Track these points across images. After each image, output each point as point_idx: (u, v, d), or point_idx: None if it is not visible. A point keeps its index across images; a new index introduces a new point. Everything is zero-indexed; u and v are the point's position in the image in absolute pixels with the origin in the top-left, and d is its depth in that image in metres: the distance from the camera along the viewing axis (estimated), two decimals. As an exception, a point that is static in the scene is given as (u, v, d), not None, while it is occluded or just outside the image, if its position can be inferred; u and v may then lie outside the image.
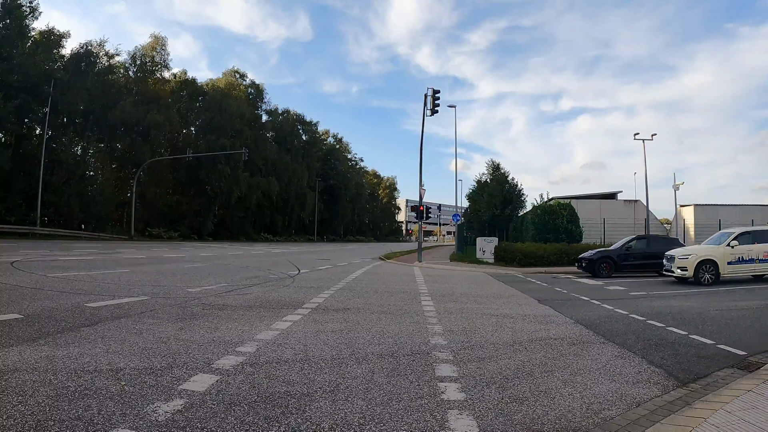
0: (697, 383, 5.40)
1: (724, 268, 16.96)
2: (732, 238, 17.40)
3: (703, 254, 17.16)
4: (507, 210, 39.35)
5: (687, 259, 17.10)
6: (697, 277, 16.81)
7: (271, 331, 7.30)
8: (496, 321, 9.16)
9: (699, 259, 16.95)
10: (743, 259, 17.12)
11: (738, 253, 17.10)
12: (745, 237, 17.56)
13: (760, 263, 17.21)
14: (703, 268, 16.86)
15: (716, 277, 16.90)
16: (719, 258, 16.97)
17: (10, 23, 45.29)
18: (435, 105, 31.76)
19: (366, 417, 4.02)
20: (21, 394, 4.09)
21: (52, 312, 7.92)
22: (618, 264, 21.24)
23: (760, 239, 17.49)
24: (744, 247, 17.23)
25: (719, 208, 37.80)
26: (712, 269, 16.87)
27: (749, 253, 17.17)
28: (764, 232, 18.00)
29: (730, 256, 17.08)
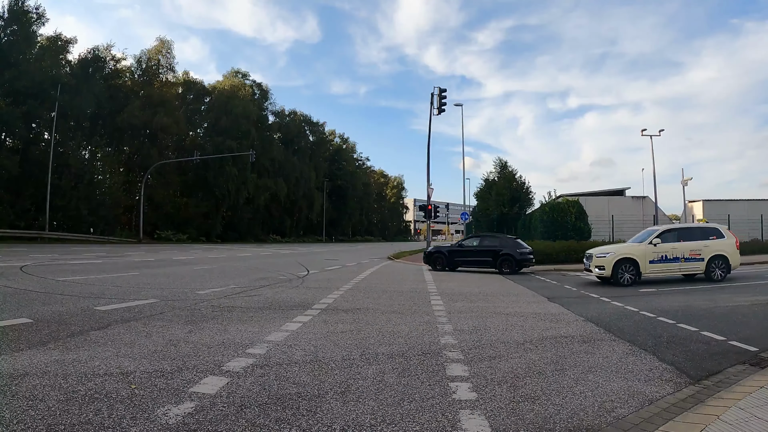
0: (709, 380, 5.35)
1: (645, 267, 15.88)
2: (655, 235, 16.34)
3: (623, 253, 16.07)
4: (515, 208, 39.31)
5: (605, 258, 16.04)
6: (615, 277, 15.70)
7: (280, 332, 7.29)
8: (506, 319, 9.13)
9: (617, 258, 15.83)
10: (667, 258, 16.01)
11: (661, 252, 16.02)
12: (670, 234, 16.58)
13: (686, 262, 16.10)
14: (623, 267, 15.75)
15: (637, 277, 15.82)
16: (640, 256, 15.89)
17: (18, 30, 45.57)
18: (442, 104, 31.79)
19: (377, 418, 4.01)
20: (31, 399, 4.10)
21: (62, 316, 7.95)
22: (449, 259, 23.07)
23: (686, 237, 16.52)
24: (668, 245, 16.15)
25: (728, 203, 37.57)
26: (632, 269, 15.75)
27: (673, 251, 16.07)
28: (691, 230, 17.26)
29: (652, 255, 16.00)
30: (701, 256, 16.01)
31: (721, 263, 16.08)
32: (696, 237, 16.43)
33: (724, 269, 16.08)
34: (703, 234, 16.61)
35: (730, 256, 16.19)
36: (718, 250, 16.16)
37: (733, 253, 16.34)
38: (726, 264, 16.12)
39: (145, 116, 59.34)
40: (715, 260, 16.06)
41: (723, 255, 16.15)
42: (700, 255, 16.01)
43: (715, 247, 16.17)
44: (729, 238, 16.49)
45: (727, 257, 16.15)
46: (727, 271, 16.14)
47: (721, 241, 16.36)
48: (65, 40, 52.22)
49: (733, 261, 16.29)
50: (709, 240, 16.27)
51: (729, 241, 16.45)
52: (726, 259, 16.13)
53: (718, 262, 16.07)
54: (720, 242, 16.32)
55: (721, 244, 16.29)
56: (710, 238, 16.31)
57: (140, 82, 65.58)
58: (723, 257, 16.13)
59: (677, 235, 16.54)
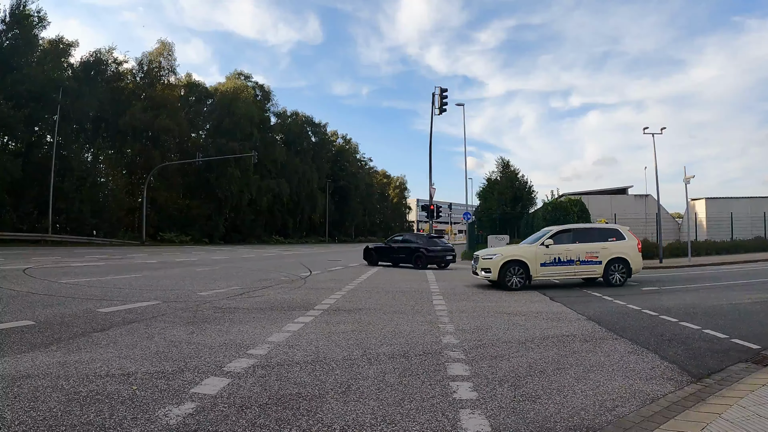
0: (711, 378, 5.35)
1: (536, 270, 14.66)
2: (547, 236, 15.21)
3: (510, 254, 14.82)
4: (517, 207, 39.17)
5: (491, 260, 14.72)
6: (503, 280, 14.43)
7: (282, 333, 7.31)
8: (508, 319, 9.13)
9: (505, 260, 14.55)
10: (560, 261, 14.83)
11: (554, 254, 14.82)
12: (565, 235, 15.41)
13: (581, 265, 14.98)
14: (511, 270, 14.45)
15: (527, 280, 14.65)
16: (530, 258, 14.66)
17: (19, 33, 45.64)
18: (443, 103, 31.82)
19: (378, 417, 4.02)
20: (33, 400, 4.12)
21: (64, 318, 7.98)
22: (377, 255, 26.16)
23: (583, 238, 15.37)
24: (561, 247, 14.97)
25: (731, 201, 37.47)
26: (521, 271, 14.50)
27: (567, 253, 14.89)
28: (588, 231, 16.01)
29: (543, 257, 14.79)
30: (599, 259, 15.02)
31: (620, 267, 15.11)
32: (594, 238, 15.43)
33: (624, 273, 15.13)
34: (601, 235, 15.60)
35: (631, 259, 15.22)
36: (618, 253, 15.19)
37: (635, 256, 15.37)
38: (626, 267, 15.15)
39: (148, 118, 59.39)
40: (614, 263, 15.10)
41: (623, 258, 15.17)
42: (598, 258, 15.02)
43: (614, 249, 15.20)
44: (630, 239, 15.55)
45: (628, 260, 15.17)
46: (627, 275, 15.22)
47: (622, 243, 15.37)
48: (67, 44, 52.25)
49: (635, 264, 15.33)
50: (608, 242, 15.29)
51: (630, 243, 15.49)
52: (626, 263, 15.16)
53: (618, 265, 15.11)
54: (620, 244, 15.33)
55: (621, 247, 15.29)
56: (609, 240, 15.34)
57: (142, 84, 65.68)
58: (623, 260, 15.17)
59: (572, 236, 15.49)
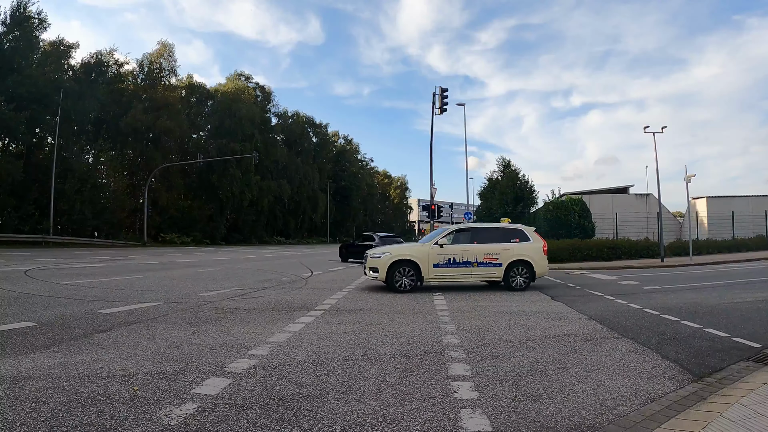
0: (712, 377, 5.34)
1: (428, 271, 13.61)
2: (442, 235, 14.26)
3: (400, 254, 13.80)
4: (519, 207, 39.09)
5: (379, 260, 13.66)
6: (391, 281, 13.40)
7: (283, 333, 7.31)
8: (509, 318, 9.12)
9: (393, 260, 13.51)
10: (455, 262, 13.75)
11: (448, 254, 13.76)
12: (463, 235, 14.45)
13: (479, 267, 13.90)
14: (400, 270, 13.43)
15: (418, 282, 13.62)
16: (421, 259, 13.61)
17: (20, 35, 45.68)
18: (443, 103, 31.79)
19: (378, 417, 4.02)
20: (35, 401, 4.12)
21: (66, 319, 7.99)
22: (347, 253, 28.68)
23: (483, 238, 14.32)
24: (457, 247, 13.93)
25: (732, 200, 37.47)
26: (411, 273, 13.45)
27: (464, 254, 13.83)
28: (489, 230, 14.85)
29: (437, 257, 13.72)
30: (498, 261, 13.99)
31: (523, 270, 14.09)
32: (495, 239, 14.36)
33: (526, 276, 14.11)
34: (503, 236, 14.50)
35: (535, 262, 14.18)
36: (520, 255, 14.16)
37: (540, 259, 14.33)
38: (529, 271, 14.13)
39: (149, 120, 59.52)
40: (516, 266, 14.07)
41: (526, 260, 14.15)
42: (498, 260, 13.99)
43: (516, 251, 14.16)
44: (535, 241, 14.53)
45: (531, 263, 14.14)
46: (530, 278, 14.18)
47: (526, 244, 14.35)
48: (68, 45, 52.36)
49: (539, 267, 14.30)
50: (511, 243, 14.26)
51: (534, 245, 14.44)
52: (530, 266, 14.13)
53: (520, 268, 14.08)
54: (523, 246, 14.31)
55: (524, 248, 14.27)
56: (512, 241, 14.31)
57: (143, 85, 65.71)
58: (526, 263, 14.14)
59: (471, 235, 14.48)
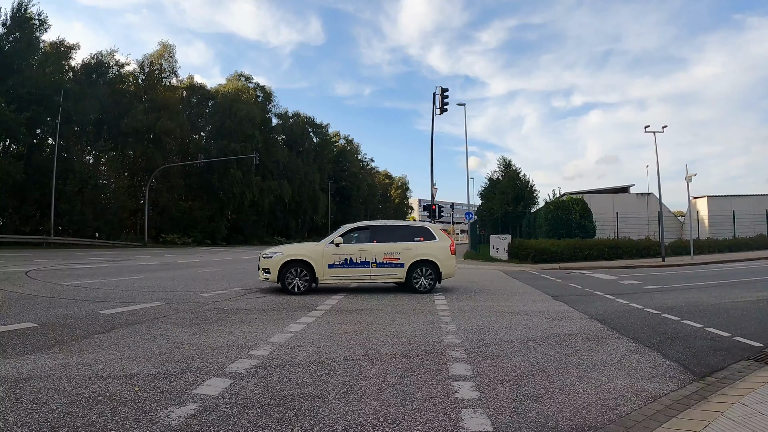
0: (713, 376, 5.34)
1: (323, 272, 12.83)
2: (339, 233, 13.55)
3: (292, 254, 12.98)
4: (519, 207, 39.19)
5: (271, 259, 12.87)
6: (283, 282, 12.63)
7: (284, 333, 7.32)
8: (510, 318, 9.13)
9: (286, 260, 12.74)
10: (352, 262, 13.01)
11: (345, 254, 13.02)
12: (363, 233, 13.70)
13: (378, 268, 13.13)
14: (293, 271, 12.67)
15: (312, 283, 12.83)
16: (315, 259, 12.85)
17: (20, 36, 45.70)
18: (444, 103, 31.78)
19: (379, 418, 4.02)
20: (35, 402, 4.13)
21: (67, 320, 7.99)
22: None
23: (384, 237, 13.56)
24: (354, 247, 13.22)
25: (733, 199, 37.45)
26: (304, 273, 12.69)
27: (362, 254, 13.09)
28: (391, 229, 14.09)
29: (332, 257, 12.97)
30: (400, 261, 13.24)
31: (427, 271, 13.33)
32: (396, 237, 13.61)
33: (431, 278, 13.35)
34: (406, 234, 13.77)
35: (440, 262, 13.43)
36: (424, 255, 13.39)
37: (446, 259, 13.56)
38: (435, 271, 13.37)
39: (149, 120, 59.51)
40: (420, 267, 13.32)
41: (431, 261, 13.38)
42: (399, 260, 13.24)
43: (420, 250, 13.40)
44: (442, 240, 13.79)
45: (437, 263, 13.39)
46: (436, 279, 13.43)
47: (431, 243, 13.58)
48: (68, 46, 52.42)
49: (445, 268, 13.53)
50: (414, 242, 13.50)
51: (441, 244, 13.66)
52: (435, 266, 13.38)
53: (424, 269, 13.32)
54: (428, 245, 13.54)
55: (429, 248, 13.49)
56: (416, 240, 13.56)
57: (144, 86, 65.77)
58: (430, 263, 13.37)
59: (371, 234, 13.69)
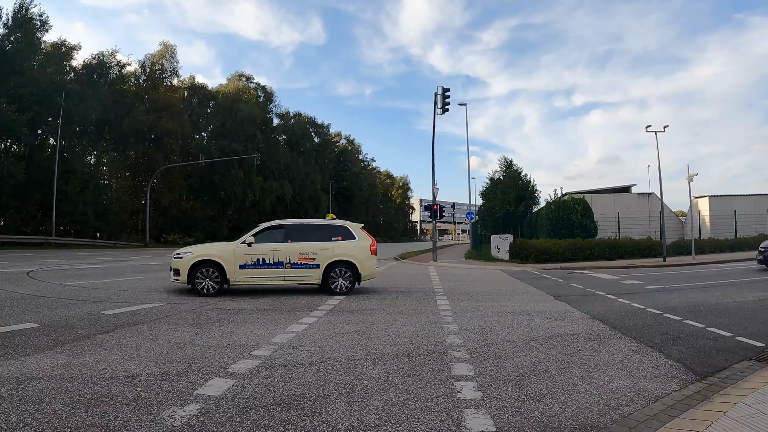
0: (715, 376, 5.34)
1: (234, 273, 12.20)
2: (252, 232, 12.86)
3: (202, 253, 12.36)
4: (521, 206, 39.21)
5: (181, 260, 12.25)
6: (193, 283, 11.98)
7: (286, 334, 7.32)
8: (512, 318, 9.12)
9: (195, 260, 12.11)
10: (265, 263, 12.39)
11: (257, 254, 12.40)
12: (278, 232, 12.99)
13: (293, 269, 12.50)
14: (203, 272, 12.02)
15: (223, 284, 12.20)
16: (226, 259, 12.23)
17: (22, 37, 45.76)
18: (445, 103, 31.75)
19: (382, 418, 4.02)
20: (38, 402, 4.13)
21: (68, 320, 8.00)
22: None
23: (299, 236, 12.92)
24: (268, 246, 12.53)
25: (734, 199, 37.35)
26: (215, 274, 12.06)
27: (275, 254, 12.44)
28: (307, 228, 13.53)
29: (244, 257, 12.34)
30: (316, 262, 12.65)
31: (345, 272, 12.79)
32: (313, 237, 13.02)
33: (349, 279, 12.81)
34: (323, 234, 13.19)
35: (359, 262, 12.89)
36: (342, 255, 12.84)
37: (365, 260, 13.05)
38: (353, 272, 12.83)
39: (150, 121, 59.51)
40: (337, 267, 12.77)
41: (349, 261, 12.85)
42: (315, 260, 12.65)
43: (337, 250, 12.84)
44: (362, 239, 13.26)
45: (356, 264, 12.85)
46: (355, 280, 12.90)
47: (349, 243, 13.05)
48: (69, 47, 52.46)
49: (365, 269, 13.01)
50: (332, 242, 12.95)
51: (360, 244, 13.14)
52: (353, 267, 12.84)
53: (342, 270, 12.78)
54: (347, 245, 13.00)
55: (347, 248, 12.95)
56: (333, 240, 13.01)
57: (145, 86, 65.79)
58: (349, 264, 12.84)
59: (285, 233, 13.00)
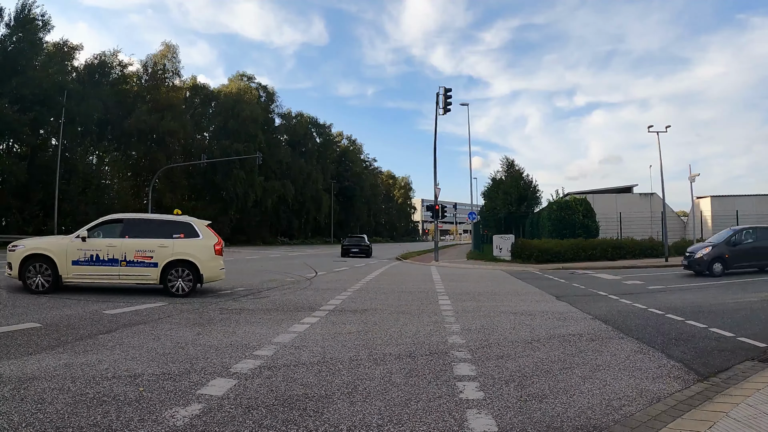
0: (717, 377, 5.34)
1: (66, 268, 11.24)
2: (88, 226, 11.87)
3: (33, 247, 11.45)
4: (522, 207, 39.09)
5: (13, 253, 11.39)
6: (24, 279, 11.12)
7: (288, 334, 7.32)
8: (514, 319, 9.12)
9: (27, 254, 11.21)
10: (99, 259, 11.41)
11: (91, 249, 11.41)
12: (114, 227, 12.03)
13: (128, 266, 11.50)
14: (35, 267, 11.14)
15: (55, 281, 11.24)
16: (58, 253, 11.26)
17: (24, 37, 45.78)
18: (447, 103, 31.77)
19: (384, 418, 4.02)
20: (40, 402, 4.12)
21: (70, 320, 8.01)
22: (343, 250, 37.83)
23: (137, 232, 11.91)
24: (103, 242, 11.53)
25: (736, 199, 37.27)
26: (48, 270, 11.16)
27: (110, 250, 11.44)
28: (146, 223, 12.48)
29: (77, 253, 11.34)
30: (153, 260, 11.71)
31: (185, 272, 11.84)
32: (153, 233, 12.03)
33: (189, 280, 11.85)
34: (164, 230, 12.23)
35: (201, 263, 11.96)
36: (182, 254, 11.87)
37: (208, 260, 12.15)
38: (194, 273, 11.89)
39: (152, 121, 59.50)
40: (176, 267, 11.83)
41: (189, 261, 11.91)
42: (152, 258, 11.71)
43: (177, 248, 11.90)
44: (207, 238, 12.42)
45: (197, 264, 11.91)
46: (196, 281, 11.96)
47: (191, 241, 12.13)
48: (71, 47, 52.46)
49: (207, 270, 12.07)
50: (172, 239, 12.01)
51: (204, 243, 12.24)
52: (194, 267, 11.89)
53: (181, 270, 11.84)
54: (188, 243, 12.07)
55: (188, 246, 12.01)
56: (174, 237, 12.07)
57: (147, 86, 65.81)
58: (190, 264, 11.90)
59: (123, 228, 12.03)
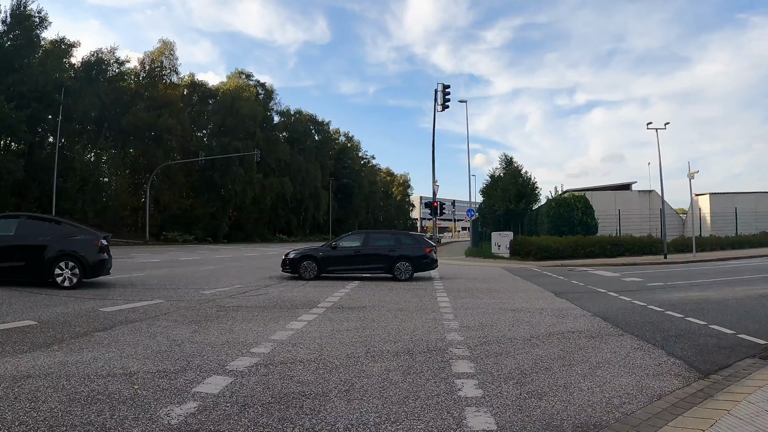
0: (718, 374, 5.30)
1: None
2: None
3: None
4: (521, 204, 39.04)
5: None
6: None
7: (285, 331, 7.27)
8: (513, 316, 9.08)
9: None
10: None
11: None
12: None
13: None
14: None
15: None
16: None
17: (21, 34, 45.63)
18: (445, 100, 31.72)
19: (382, 416, 3.97)
20: (34, 400, 4.08)
21: (66, 318, 7.95)
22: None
23: None
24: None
25: (735, 196, 37.35)
26: None
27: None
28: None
29: None
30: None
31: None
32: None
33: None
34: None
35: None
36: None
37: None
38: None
39: (150, 118, 59.30)
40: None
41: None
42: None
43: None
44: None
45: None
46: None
47: None
48: (68, 44, 52.24)
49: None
50: None
51: None
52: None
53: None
54: None
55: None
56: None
57: (145, 84, 65.67)
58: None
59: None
